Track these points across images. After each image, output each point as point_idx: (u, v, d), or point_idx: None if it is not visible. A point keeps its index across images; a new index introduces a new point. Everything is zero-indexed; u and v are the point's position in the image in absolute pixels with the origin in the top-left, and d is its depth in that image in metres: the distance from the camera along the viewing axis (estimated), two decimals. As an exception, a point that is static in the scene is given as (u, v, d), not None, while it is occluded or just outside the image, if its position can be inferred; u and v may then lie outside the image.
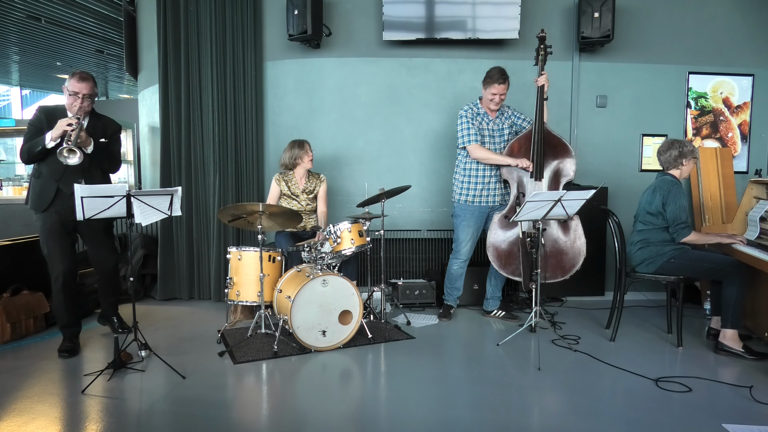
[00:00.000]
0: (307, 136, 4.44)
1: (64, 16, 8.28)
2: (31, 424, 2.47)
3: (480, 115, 4.01)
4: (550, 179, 3.94)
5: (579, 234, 3.88)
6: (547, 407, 2.72)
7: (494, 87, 3.86)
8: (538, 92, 3.89)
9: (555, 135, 3.95)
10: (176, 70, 4.69)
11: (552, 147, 3.92)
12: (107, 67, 11.97)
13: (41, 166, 3.32)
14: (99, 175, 3.46)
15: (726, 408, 2.64)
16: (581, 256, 3.87)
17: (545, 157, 3.90)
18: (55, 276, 3.36)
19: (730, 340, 3.34)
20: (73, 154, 3.05)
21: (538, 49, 3.91)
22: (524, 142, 3.93)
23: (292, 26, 4.47)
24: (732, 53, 4.90)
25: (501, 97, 3.91)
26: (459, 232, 4.09)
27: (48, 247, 3.36)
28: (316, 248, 3.71)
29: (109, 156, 3.50)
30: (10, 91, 17.55)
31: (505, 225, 3.94)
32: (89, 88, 3.31)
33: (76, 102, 3.28)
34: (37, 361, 3.30)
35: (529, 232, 3.84)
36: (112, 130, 3.52)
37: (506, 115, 4.09)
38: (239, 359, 3.26)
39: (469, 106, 4.02)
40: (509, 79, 3.89)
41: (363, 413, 2.66)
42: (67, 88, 3.29)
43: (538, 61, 3.92)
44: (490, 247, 3.96)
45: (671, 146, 3.57)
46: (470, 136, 3.95)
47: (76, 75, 3.29)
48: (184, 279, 4.80)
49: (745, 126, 4.99)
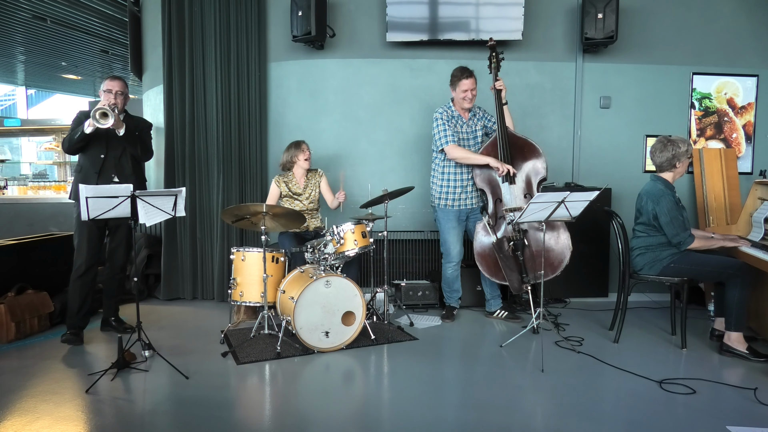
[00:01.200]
0: (311, 137, 4.45)
1: (69, 17, 8.31)
2: (36, 423, 2.48)
3: (454, 118, 4.03)
4: (523, 181, 3.96)
5: (561, 230, 3.91)
6: (550, 409, 2.71)
7: (463, 83, 3.89)
8: (495, 97, 3.94)
9: (520, 137, 3.99)
10: (180, 71, 4.70)
11: (519, 149, 3.95)
12: (112, 68, 12.01)
13: (82, 160, 3.60)
14: (130, 168, 3.67)
15: (730, 410, 2.63)
16: (568, 250, 3.88)
17: (514, 160, 3.92)
18: (78, 264, 3.57)
19: (735, 342, 3.32)
20: (105, 117, 3.30)
21: (490, 56, 3.99)
22: (491, 149, 3.96)
23: (296, 27, 4.48)
24: (736, 54, 4.88)
25: (472, 92, 3.93)
26: (446, 235, 4.10)
27: (79, 236, 3.58)
28: (319, 249, 3.72)
29: (142, 143, 3.74)
30: (16, 90, 17.64)
31: (488, 233, 3.95)
32: (121, 86, 3.59)
33: (110, 98, 3.54)
34: (42, 360, 3.32)
35: (509, 236, 3.87)
36: (143, 126, 3.84)
37: (478, 116, 4.13)
38: (242, 360, 3.27)
39: (443, 108, 4.04)
40: (474, 73, 3.93)
41: (366, 414, 2.66)
42: (102, 89, 3.59)
43: (491, 68, 3.99)
44: (478, 257, 3.99)
45: (665, 148, 3.48)
46: (447, 137, 3.95)
47: (109, 77, 3.61)
48: (188, 279, 4.81)
49: (749, 127, 4.97)
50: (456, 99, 4.00)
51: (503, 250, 3.88)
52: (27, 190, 7.88)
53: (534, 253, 3.86)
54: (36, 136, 9.73)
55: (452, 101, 4.06)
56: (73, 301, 3.58)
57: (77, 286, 3.57)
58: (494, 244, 3.89)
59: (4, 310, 3.62)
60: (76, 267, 3.58)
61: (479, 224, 3.99)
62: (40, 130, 9.30)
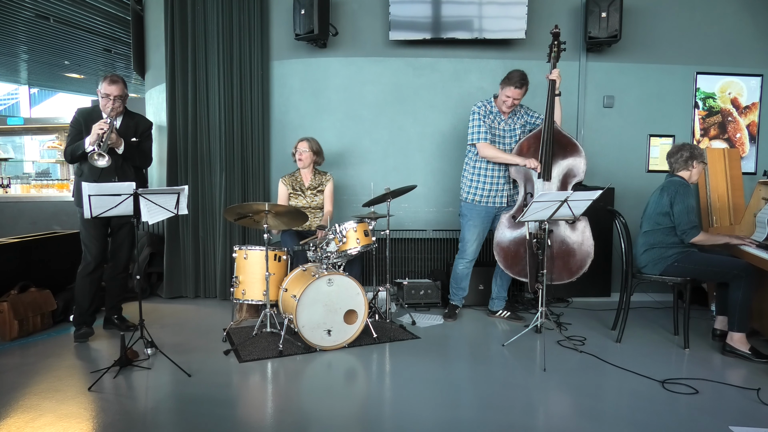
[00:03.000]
0: (313, 135, 4.45)
1: (72, 15, 8.32)
2: (38, 420, 2.49)
3: (492, 114, 3.98)
4: (559, 179, 3.90)
5: (587, 236, 3.85)
6: (552, 408, 2.71)
7: (509, 90, 3.83)
8: (549, 87, 3.84)
9: (565, 134, 3.92)
10: (183, 69, 4.71)
11: (562, 147, 3.88)
12: (115, 66, 12.03)
13: (83, 166, 3.59)
14: (132, 173, 3.65)
15: (733, 410, 2.62)
16: (589, 258, 3.83)
17: (554, 157, 3.86)
18: (87, 262, 3.60)
19: (737, 343, 3.32)
20: (102, 157, 3.29)
21: (552, 45, 3.88)
22: (533, 141, 3.89)
23: (299, 26, 4.48)
24: (740, 53, 4.86)
25: (515, 101, 3.87)
26: (465, 231, 4.08)
27: (85, 235, 3.61)
28: (322, 247, 3.72)
29: (141, 153, 3.70)
30: (19, 89, 17.69)
31: (513, 225, 3.92)
32: (119, 90, 3.53)
33: (109, 103, 3.50)
34: (44, 358, 3.33)
35: (535, 233, 3.82)
36: (143, 128, 3.75)
37: (518, 115, 4.06)
38: (244, 358, 3.27)
39: (483, 102, 4.00)
40: (528, 86, 3.86)
41: (368, 413, 2.66)
42: (100, 91, 3.53)
43: (550, 57, 3.89)
44: (497, 247, 3.94)
45: (682, 148, 3.55)
46: (480, 133, 3.92)
47: (107, 79, 3.53)
48: (190, 277, 4.82)
49: (753, 127, 4.96)
50: (499, 98, 3.94)
51: (531, 246, 3.84)
52: (30, 188, 7.89)
53: (555, 254, 3.83)
54: (39, 135, 9.74)
55: (494, 98, 4.01)
56: (83, 298, 3.60)
57: (86, 283, 3.60)
58: (525, 239, 3.84)
59: (8, 308, 3.63)
60: (85, 264, 3.60)
61: (505, 215, 3.95)
62: (43, 129, 9.31)
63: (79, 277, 3.62)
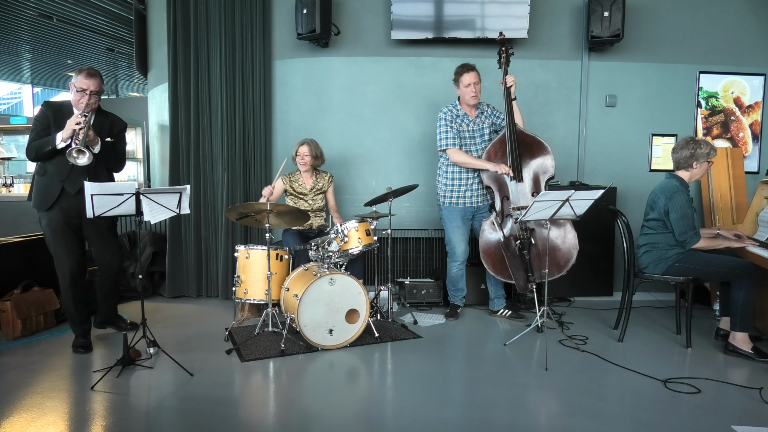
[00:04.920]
0: (315, 135, 4.45)
1: (75, 15, 8.35)
2: (41, 419, 2.50)
3: (459, 117, 4.00)
4: (531, 179, 3.93)
5: (569, 228, 3.88)
6: (554, 407, 2.71)
7: (465, 77, 3.87)
8: (505, 94, 3.90)
9: (529, 134, 3.96)
10: (185, 69, 4.72)
11: (527, 146, 3.92)
12: (117, 66, 12.06)
13: (47, 165, 3.31)
14: (105, 175, 3.45)
15: (735, 410, 2.61)
16: (575, 249, 3.85)
17: (522, 158, 3.90)
18: (63, 274, 3.36)
19: (739, 342, 3.31)
20: (83, 154, 3.06)
21: (500, 51, 3.96)
22: (499, 146, 3.94)
23: (301, 25, 4.48)
24: (743, 52, 4.85)
25: (476, 86, 3.89)
26: (450, 234, 4.09)
27: (54, 246, 3.36)
28: (324, 247, 3.72)
29: (115, 155, 3.51)
30: (22, 89, 17.73)
31: (495, 230, 3.94)
32: (97, 85, 3.29)
33: (84, 98, 3.25)
34: (47, 357, 3.34)
35: (516, 235, 3.85)
36: (118, 128, 3.51)
37: (486, 114, 4.08)
38: (246, 357, 3.28)
39: (448, 108, 4.01)
40: (476, 68, 3.91)
41: (369, 412, 2.67)
42: (74, 84, 3.27)
43: (501, 63, 3.95)
44: (484, 255, 3.97)
45: (685, 146, 3.47)
46: (448, 139, 3.95)
47: (83, 71, 3.27)
48: (192, 277, 4.83)
49: (756, 126, 4.95)
50: (461, 96, 3.97)
51: (510, 249, 3.86)
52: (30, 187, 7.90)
53: (540, 251, 3.85)
54: (42, 134, 9.80)
55: (458, 100, 4.04)
56: (70, 309, 3.41)
57: (69, 296, 3.38)
58: (501, 243, 3.88)
59: (11, 307, 3.64)
60: (61, 276, 3.36)
61: (486, 222, 3.97)
62: (46, 128, 9.37)
63: (61, 289, 3.41)
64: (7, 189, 7.95)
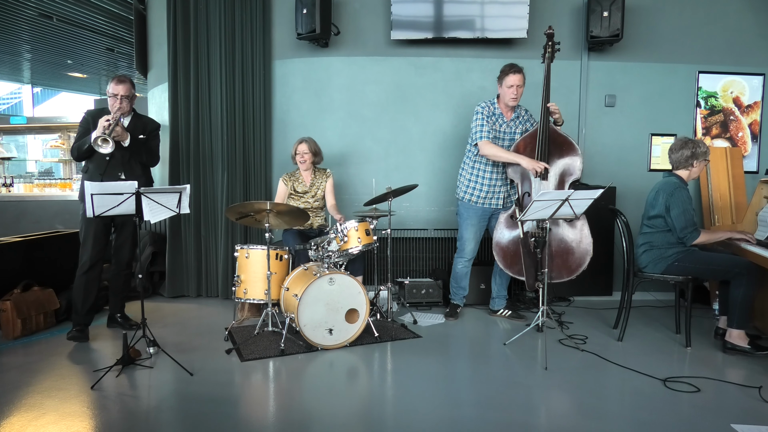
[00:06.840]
0: (315, 135, 4.45)
1: (75, 15, 8.34)
2: (42, 419, 2.50)
3: (495, 115, 3.96)
4: (556, 178, 3.89)
5: (586, 233, 3.84)
6: (553, 407, 2.71)
7: (509, 78, 3.80)
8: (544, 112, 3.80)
9: (561, 133, 3.90)
10: (185, 69, 4.72)
11: (558, 146, 3.87)
12: (117, 66, 12.05)
13: (88, 163, 3.65)
14: (139, 168, 3.72)
15: (735, 408, 2.62)
16: (588, 255, 3.82)
17: (550, 156, 3.85)
18: (83, 261, 3.60)
19: (736, 339, 3.32)
20: (106, 143, 3.35)
21: (546, 45, 3.87)
22: (530, 141, 3.88)
23: (301, 25, 4.48)
24: (743, 52, 4.86)
25: (519, 89, 3.83)
26: (463, 230, 4.08)
27: (85, 232, 3.62)
28: (323, 247, 3.72)
29: (148, 150, 3.76)
30: (22, 88, 17.72)
31: (511, 225, 3.91)
32: (126, 90, 3.59)
33: (116, 103, 3.57)
34: (47, 356, 3.34)
35: (533, 232, 3.81)
36: (150, 128, 3.82)
37: (521, 120, 4.02)
38: (246, 357, 3.28)
39: (486, 103, 3.97)
40: (523, 71, 3.84)
41: (369, 411, 2.67)
42: (108, 91, 3.60)
43: (545, 57, 3.88)
44: (496, 247, 3.94)
45: (684, 145, 3.50)
46: (483, 132, 3.91)
47: (114, 79, 3.60)
48: (192, 276, 4.83)
49: (755, 126, 4.95)
50: (501, 95, 3.92)
51: (526, 246, 3.83)
52: (33, 187, 7.90)
53: (554, 252, 3.83)
54: (42, 134, 9.75)
55: (497, 98, 3.99)
56: (78, 297, 3.60)
57: (82, 283, 3.60)
58: (520, 239, 3.85)
59: (11, 306, 3.64)
60: (81, 263, 3.60)
61: (503, 214, 3.93)
62: (46, 128, 9.33)
63: (76, 276, 3.62)
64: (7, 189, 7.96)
